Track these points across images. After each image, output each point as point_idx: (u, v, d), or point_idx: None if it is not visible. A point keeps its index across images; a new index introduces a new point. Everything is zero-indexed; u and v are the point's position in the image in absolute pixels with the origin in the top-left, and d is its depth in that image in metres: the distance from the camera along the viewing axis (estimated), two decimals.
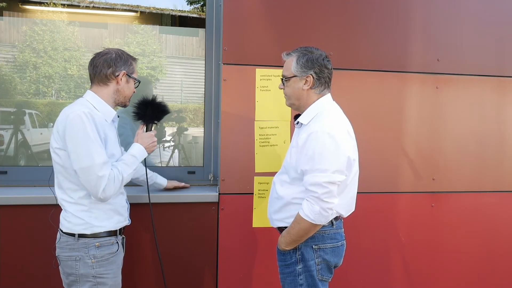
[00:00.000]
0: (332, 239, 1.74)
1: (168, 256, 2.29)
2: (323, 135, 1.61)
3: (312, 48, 1.76)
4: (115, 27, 2.89)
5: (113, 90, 1.76)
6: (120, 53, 1.78)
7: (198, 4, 3.02)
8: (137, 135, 1.86)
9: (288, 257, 1.75)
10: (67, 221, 1.69)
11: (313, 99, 1.75)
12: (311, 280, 1.72)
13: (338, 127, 1.66)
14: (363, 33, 2.42)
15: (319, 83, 1.73)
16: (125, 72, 1.76)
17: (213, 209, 2.31)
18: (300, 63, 1.72)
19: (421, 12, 2.48)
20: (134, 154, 1.78)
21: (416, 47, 2.47)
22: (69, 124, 1.61)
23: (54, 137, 1.67)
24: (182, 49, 2.93)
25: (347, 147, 1.67)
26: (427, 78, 2.49)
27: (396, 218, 2.50)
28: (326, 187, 1.59)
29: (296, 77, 1.74)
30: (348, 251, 2.45)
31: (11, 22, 2.58)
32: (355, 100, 2.42)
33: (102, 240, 1.71)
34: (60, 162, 1.67)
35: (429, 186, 2.52)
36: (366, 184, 2.45)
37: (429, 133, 2.51)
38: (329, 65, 1.75)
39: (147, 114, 1.87)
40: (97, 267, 1.69)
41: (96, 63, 1.74)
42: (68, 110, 1.65)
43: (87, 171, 1.60)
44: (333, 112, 1.74)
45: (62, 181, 1.70)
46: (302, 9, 2.35)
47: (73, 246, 1.68)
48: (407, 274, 2.55)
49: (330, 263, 1.75)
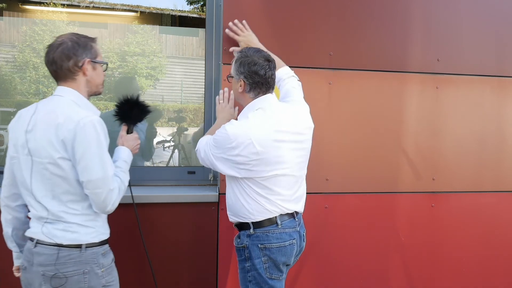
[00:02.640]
0: (278, 238, 1.77)
1: (168, 256, 2.29)
2: (223, 130, 1.72)
3: (251, 51, 1.78)
4: (115, 27, 2.89)
5: (84, 83, 1.58)
6: (76, 38, 1.56)
7: (198, 4, 3.02)
8: (121, 137, 1.76)
9: (240, 253, 1.83)
10: (71, 232, 1.54)
11: (249, 101, 1.80)
12: (259, 278, 1.78)
13: (240, 133, 1.69)
14: (362, 33, 2.41)
15: (250, 88, 1.76)
16: (89, 59, 1.57)
17: (213, 209, 2.31)
18: (235, 65, 1.78)
19: (421, 12, 2.47)
20: (126, 159, 1.69)
21: (416, 47, 2.47)
22: (81, 132, 1.46)
23: (55, 147, 1.49)
24: (182, 49, 2.92)
25: (238, 151, 1.69)
26: (427, 78, 2.49)
27: (396, 218, 2.50)
28: (201, 156, 1.81)
29: (233, 78, 1.81)
30: (348, 251, 2.47)
31: (11, 22, 2.58)
32: (355, 100, 2.42)
33: (106, 247, 1.64)
34: (62, 173, 1.50)
35: (429, 186, 2.52)
36: (366, 184, 2.45)
37: (429, 133, 2.51)
38: (261, 71, 1.73)
39: (132, 115, 1.78)
40: (106, 276, 1.60)
41: (53, 57, 1.53)
42: (74, 116, 1.49)
43: (98, 184, 1.49)
44: (257, 118, 1.74)
45: (60, 194, 1.53)
46: (302, 9, 2.35)
47: (79, 258, 1.54)
48: (407, 274, 2.55)
49: (277, 262, 1.78)
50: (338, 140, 2.40)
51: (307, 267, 2.42)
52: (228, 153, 1.71)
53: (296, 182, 1.83)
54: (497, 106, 2.59)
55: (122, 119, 1.79)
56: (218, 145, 1.74)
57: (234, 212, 1.85)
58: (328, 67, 2.39)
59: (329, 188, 2.40)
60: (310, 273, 2.42)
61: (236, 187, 1.80)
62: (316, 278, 2.45)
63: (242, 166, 1.72)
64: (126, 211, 2.24)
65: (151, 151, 2.69)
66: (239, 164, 1.71)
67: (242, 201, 1.79)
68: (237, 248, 1.85)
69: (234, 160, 1.71)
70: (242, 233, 1.83)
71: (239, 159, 1.70)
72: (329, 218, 2.42)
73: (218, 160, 1.75)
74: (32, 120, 1.53)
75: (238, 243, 1.85)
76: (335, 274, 2.47)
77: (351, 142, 2.42)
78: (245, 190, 1.78)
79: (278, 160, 1.73)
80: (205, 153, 1.80)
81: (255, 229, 1.78)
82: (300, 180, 1.87)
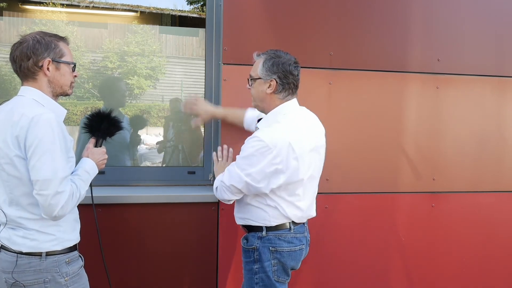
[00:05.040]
0: (289, 243, 1.77)
1: (168, 256, 2.29)
2: (255, 140, 1.65)
3: (281, 53, 1.76)
4: (115, 27, 2.89)
5: (45, 83, 1.52)
6: (39, 37, 1.49)
7: (198, 4, 3.02)
8: (87, 149, 1.69)
9: (248, 254, 1.81)
10: (30, 239, 1.47)
11: (276, 104, 1.76)
12: (267, 280, 1.77)
13: (278, 138, 1.65)
14: (363, 33, 2.41)
15: (283, 88, 1.74)
16: (50, 60, 1.50)
17: (213, 209, 2.31)
18: (266, 66, 1.73)
19: (421, 12, 2.47)
20: (88, 171, 1.60)
21: (416, 47, 2.47)
22: (34, 128, 1.40)
23: (9, 145, 1.42)
24: (182, 49, 2.92)
25: (280, 158, 1.64)
26: (428, 78, 2.49)
27: (396, 218, 2.50)
28: (227, 185, 1.72)
29: (260, 79, 1.75)
30: (348, 251, 2.47)
31: (11, 22, 2.58)
32: (355, 100, 2.42)
33: (71, 255, 1.55)
34: (17, 174, 1.43)
35: (429, 186, 2.52)
36: (366, 184, 2.45)
37: (429, 133, 2.51)
38: (295, 71, 1.74)
39: (102, 128, 1.73)
40: (71, 285, 1.53)
41: (14, 56, 1.49)
42: (29, 113, 1.42)
43: (44, 185, 1.39)
44: (289, 122, 1.72)
45: (19, 197, 1.46)
46: (302, 9, 2.34)
47: (38, 267, 1.47)
48: (407, 274, 2.55)
49: (286, 265, 1.78)
50: (338, 140, 2.40)
51: (307, 267, 2.41)
52: (271, 162, 1.63)
53: (316, 184, 1.87)
54: (497, 106, 2.59)
55: (91, 132, 1.75)
56: (255, 159, 1.64)
57: (248, 217, 1.81)
58: (328, 67, 2.38)
59: (330, 188, 2.40)
60: (310, 273, 2.42)
61: (256, 195, 1.76)
62: (316, 278, 2.44)
63: (283, 176, 1.67)
64: (118, 212, 2.24)
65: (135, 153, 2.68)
66: (283, 172, 1.66)
67: (261, 207, 1.76)
68: (246, 250, 1.82)
69: (278, 170, 1.65)
70: (252, 235, 1.80)
71: (281, 167, 1.64)
72: (329, 218, 2.42)
73: (257, 180, 1.66)
74: None
75: (247, 244, 1.82)
76: (335, 274, 2.46)
77: (351, 142, 2.42)
78: (265, 197, 1.74)
79: (309, 165, 1.74)
80: (235, 181, 1.70)
81: (267, 232, 1.76)
82: (317, 183, 1.90)
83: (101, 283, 1.89)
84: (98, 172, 1.63)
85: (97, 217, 1.83)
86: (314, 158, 1.78)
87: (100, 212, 2.16)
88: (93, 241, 1.84)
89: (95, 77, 2.75)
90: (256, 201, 1.76)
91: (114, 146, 2.56)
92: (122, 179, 2.37)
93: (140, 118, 2.74)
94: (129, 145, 2.63)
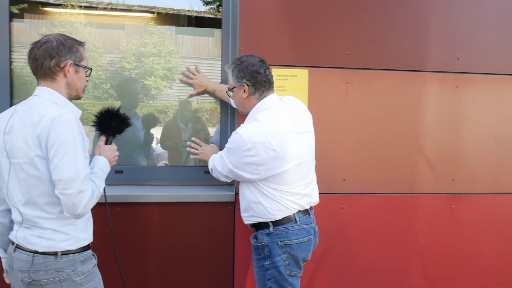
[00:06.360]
0: (297, 235, 1.83)
1: (184, 255, 2.31)
2: (235, 134, 1.79)
3: (244, 57, 1.88)
4: (132, 28, 2.91)
5: (63, 84, 1.56)
6: (62, 39, 1.54)
7: (214, 4, 3.02)
8: (99, 147, 1.72)
9: (258, 252, 1.87)
10: (46, 239, 1.50)
11: (253, 104, 1.87)
12: (278, 275, 1.82)
13: (254, 134, 1.75)
14: (380, 31, 2.39)
15: (255, 89, 1.84)
16: (72, 62, 1.55)
17: (230, 208, 2.31)
18: (234, 74, 1.87)
19: (440, 9, 2.43)
20: (103, 168, 1.64)
21: (435, 46, 2.43)
22: (55, 129, 1.42)
23: (30, 145, 1.45)
24: (198, 50, 2.93)
25: (255, 151, 1.74)
26: (447, 78, 2.45)
27: (414, 219, 2.47)
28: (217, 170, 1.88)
29: (235, 88, 1.89)
30: (366, 252, 2.44)
31: (31, 25, 2.62)
32: (372, 100, 2.40)
33: (86, 254, 1.58)
34: (37, 174, 1.46)
35: (449, 187, 2.47)
36: (384, 184, 2.42)
37: (448, 134, 2.47)
38: (261, 69, 1.84)
39: (112, 126, 1.76)
40: (86, 283, 1.56)
41: (36, 54, 1.51)
42: (50, 114, 1.45)
43: (68, 184, 1.42)
44: (266, 118, 1.81)
45: (36, 197, 1.48)
46: (318, 8, 2.33)
47: (54, 266, 1.50)
48: (426, 276, 2.51)
49: (297, 258, 1.84)
50: (355, 140, 2.38)
51: (324, 267, 2.40)
52: (246, 154, 1.74)
53: (310, 168, 1.91)
54: None
55: (101, 130, 1.78)
56: (234, 151, 1.79)
57: (251, 214, 1.88)
58: (345, 67, 2.37)
59: (346, 189, 2.38)
60: (327, 273, 2.41)
61: (253, 189, 1.84)
62: (333, 279, 2.43)
63: (262, 167, 1.76)
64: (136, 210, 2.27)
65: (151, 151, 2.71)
66: (258, 165, 1.75)
67: (261, 201, 1.82)
68: (256, 247, 1.88)
69: (253, 162, 1.75)
70: (260, 232, 1.86)
71: (257, 159, 1.74)
72: (346, 219, 2.40)
73: (237, 167, 1.80)
74: (10, 122, 1.52)
75: (256, 242, 1.88)
76: (352, 276, 2.44)
77: (368, 142, 2.40)
78: (263, 191, 1.82)
79: (295, 152, 1.80)
80: (221, 166, 1.86)
81: (274, 227, 1.82)
82: (313, 168, 1.94)
83: (115, 281, 1.91)
84: (116, 172, 1.65)
85: (111, 216, 1.87)
86: (300, 144, 1.84)
87: (118, 210, 2.19)
88: (108, 239, 1.86)
89: (112, 77, 2.78)
90: (254, 196, 1.84)
91: (132, 146, 2.59)
92: (139, 179, 2.40)
93: (156, 118, 2.76)
94: (143, 144, 2.66)
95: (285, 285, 1.83)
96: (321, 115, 2.34)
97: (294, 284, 1.85)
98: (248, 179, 1.82)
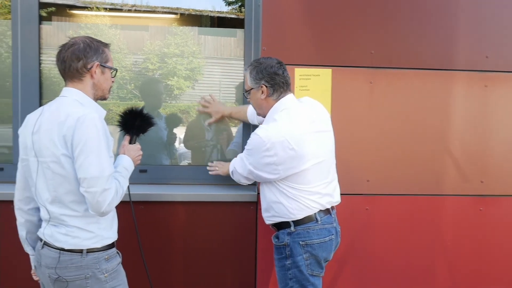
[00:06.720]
0: (318, 234, 1.84)
1: (207, 254, 2.32)
2: (254, 135, 1.80)
3: (262, 59, 1.91)
4: (156, 29, 2.95)
5: (90, 85, 1.60)
6: (88, 41, 1.59)
7: (236, 4, 3.03)
8: (123, 146, 1.75)
9: (280, 251, 1.87)
10: (72, 237, 1.53)
11: (271, 105, 1.89)
12: (300, 275, 1.82)
13: (272, 134, 1.76)
14: (405, 29, 2.34)
15: (273, 90, 1.86)
16: (98, 63, 1.59)
17: (252, 208, 2.31)
18: (252, 75, 1.89)
19: (468, 5, 2.37)
20: (127, 167, 1.67)
21: (463, 43, 2.37)
22: (80, 128, 1.46)
23: (56, 144, 1.48)
24: (220, 50, 2.95)
25: (274, 151, 1.75)
26: (475, 76, 2.38)
27: (441, 221, 2.41)
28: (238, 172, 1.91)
29: (253, 89, 1.90)
30: (390, 254, 2.39)
31: (59, 27, 2.69)
32: (397, 100, 2.36)
33: (110, 252, 1.60)
34: (63, 172, 1.49)
35: (477, 189, 2.41)
36: (409, 186, 2.38)
37: (477, 134, 2.40)
38: (279, 70, 1.86)
39: (135, 126, 1.79)
40: (110, 281, 1.58)
41: (64, 56, 1.56)
42: (75, 113, 1.49)
43: (93, 182, 1.45)
44: (285, 118, 1.82)
45: (62, 195, 1.52)
46: (342, 7, 2.31)
47: (80, 263, 1.53)
48: (453, 280, 2.45)
49: (318, 258, 1.84)
50: (379, 140, 2.34)
51: (346, 268, 2.37)
52: (265, 154, 1.76)
53: (330, 167, 1.91)
54: None
55: (125, 130, 1.81)
56: (253, 152, 1.81)
57: (272, 213, 1.89)
58: (369, 66, 2.33)
59: (370, 190, 2.35)
60: (349, 275, 2.38)
61: (274, 189, 1.85)
62: (355, 281, 2.40)
63: (281, 167, 1.77)
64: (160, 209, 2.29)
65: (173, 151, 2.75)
66: (277, 164, 1.76)
67: (282, 201, 1.83)
68: (277, 247, 1.88)
69: (272, 162, 1.76)
70: (282, 232, 1.87)
71: (275, 159, 1.75)
72: (370, 220, 2.36)
73: (257, 168, 1.81)
74: (38, 122, 1.56)
75: (277, 241, 1.88)
76: (374, 278, 2.41)
77: (393, 143, 2.36)
78: (283, 191, 1.83)
79: (314, 151, 1.80)
80: (241, 167, 1.89)
81: (296, 227, 1.83)
82: (333, 167, 1.94)
83: (139, 279, 1.94)
84: (140, 171, 1.68)
85: (135, 214, 1.89)
86: (319, 144, 1.84)
87: (142, 209, 2.22)
88: (132, 237, 1.88)
89: (136, 78, 2.82)
90: (275, 196, 1.85)
91: (155, 146, 2.62)
92: (163, 178, 2.43)
93: (178, 118, 2.79)
94: (167, 144, 2.69)
95: (306, 285, 1.83)
96: (344, 115, 2.32)
97: (316, 284, 1.85)
98: (268, 179, 1.83)
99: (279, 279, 1.91)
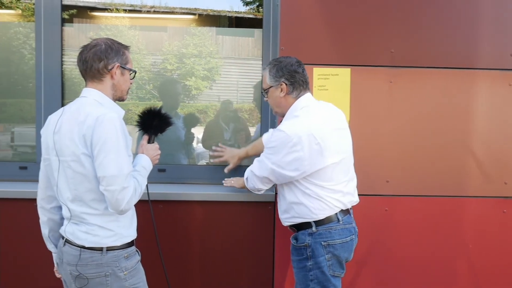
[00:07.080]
0: (340, 234, 1.83)
1: (224, 253, 2.33)
2: (277, 132, 1.79)
3: (281, 58, 1.92)
4: (174, 30, 2.97)
5: (110, 86, 1.63)
6: (110, 43, 1.62)
7: (254, 4, 3.03)
8: (142, 146, 1.77)
9: (300, 252, 1.85)
10: (93, 235, 1.56)
11: (291, 103, 1.88)
12: (321, 276, 1.80)
13: (298, 129, 1.76)
14: (426, 27, 2.30)
15: (293, 88, 1.87)
16: (119, 64, 1.62)
17: (270, 208, 2.31)
18: (272, 73, 1.89)
19: (491, 3, 2.31)
20: (145, 166, 1.69)
21: (486, 42, 2.31)
22: (99, 127, 1.49)
23: (76, 143, 1.52)
24: (238, 50, 2.95)
25: (301, 146, 1.74)
26: (499, 75, 2.33)
27: (462, 223, 2.36)
28: (257, 175, 1.86)
29: (272, 87, 1.89)
30: (410, 255, 2.36)
31: (80, 29, 2.74)
32: (418, 100, 2.32)
33: (129, 250, 1.63)
34: (83, 171, 1.52)
35: (501, 190, 2.35)
36: (429, 186, 2.34)
37: (501, 134, 2.34)
38: (299, 69, 1.87)
39: (154, 125, 1.82)
40: (129, 278, 1.61)
41: (86, 57, 1.59)
42: (94, 113, 1.51)
43: (112, 180, 1.47)
44: (307, 113, 1.83)
45: (83, 193, 1.55)
46: (361, 5, 2.28)
47: (100, 261, 1.56)
48: (474, 284, 2.39)
49: (340, 258, 1.83)
50: (399, 140, 2.31)
51: (365, 270, 2.35)
52: (292, 150, 1.74)
53: (350, 165, 1.92)
54: None
55: (143, 129, 1.83)
56: (277, 150, 1.78)
57: (292, 215, 1.87)
58: (389, 65, 2.30)
59: (390, 190, 2.32)
60: (368, 276, 2.36)
61: (295, 189, 1.84)
62: (374, 282, 2.37)
63: (307, 162, 1.75)
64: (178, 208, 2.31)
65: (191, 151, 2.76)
66: (304, 160, 1.75)
67: (303, 201, 1.82)
68: (297, 248, 1.87)
69: (298, 157, 1.74)
70: (302, 233, 1.85)
71: (302, 154, 1.74)
72: (389, 221, 2.33)
73: (281, 167, 1.78)
74: (59, 122, 1.59)
75: (297, 242, 1.87)
76: (394, 279, 2.37)
77: (413, 143, 2.32)
78: (305, 191, 1.81)
79: (336, 147, 1.80)
80: (261, 169, 1.86)
81: (317, 227, 1.81)
82: (352, 165, 1.95)
83: (157, 277, 1.96)
84: (159, 170, 1.70)
85: (154, 213, 1.91)
86: (340, 140, 1.85)
87: (161, 208, 2.24)
88: (151, 236, 1.90)
89: (155, 78, 2.85)
90: (296, 197, 1.83)
91: (173, 145, 2.65)
92: (181, 177, 2.45)
93: (196, 118, 2.81)
94: (184, 143, 2.71)
95: (328, 286, 1.81)
96: (363, 115, 2.29)
97: (337, 285, 1.84)
98: (290, 177, 1.80)
99: (298, 280, 1.89)
